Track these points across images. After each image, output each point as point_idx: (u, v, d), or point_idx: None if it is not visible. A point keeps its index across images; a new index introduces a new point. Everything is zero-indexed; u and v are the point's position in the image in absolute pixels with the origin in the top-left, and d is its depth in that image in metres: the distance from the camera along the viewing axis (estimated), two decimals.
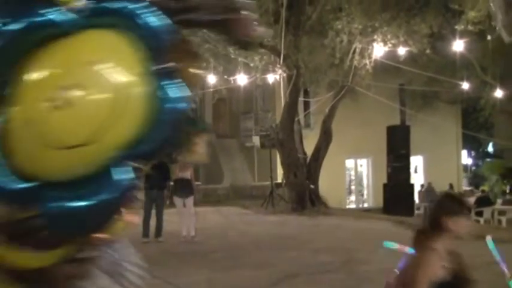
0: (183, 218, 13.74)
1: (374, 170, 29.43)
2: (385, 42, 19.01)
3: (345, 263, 10.68)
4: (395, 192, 22.61)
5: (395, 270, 4.30)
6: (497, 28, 14.72)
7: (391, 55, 19.68)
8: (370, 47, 19.41)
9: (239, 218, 18.49)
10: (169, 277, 9.89)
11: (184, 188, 13.62)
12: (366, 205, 30.10)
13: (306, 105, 25.39)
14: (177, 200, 13.77)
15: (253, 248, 12.80)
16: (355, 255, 11.52)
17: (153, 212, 13.71)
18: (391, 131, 23.61)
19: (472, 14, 18.19)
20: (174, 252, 12.38)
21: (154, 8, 1.69)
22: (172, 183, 14.44)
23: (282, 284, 9.35)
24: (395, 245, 5.06)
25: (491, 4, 14.82)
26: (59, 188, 1.63)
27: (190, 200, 13.65)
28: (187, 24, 1.88)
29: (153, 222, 13.76)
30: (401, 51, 19.07)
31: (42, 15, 1.65)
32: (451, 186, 28.59)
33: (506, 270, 5.18)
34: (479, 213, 21.93)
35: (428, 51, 19.69)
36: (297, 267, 10.46)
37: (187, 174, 13.71)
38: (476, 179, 42.71)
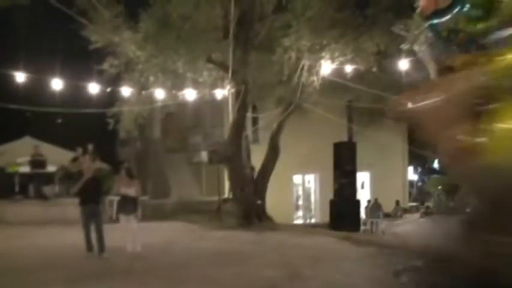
0: (127, 234, 13.61)
1: (321, 185, 29.67)
2: (332, 60, 19.17)
3: (288, 279, 10.71)
4: (342, 208, 22.81)
5: None
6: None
7: (339, 72, 19.85)
8: (318, 64, 19.54)
9: (185, 233, 18.39)
10: None
11: (128, 204, 13.51)
12: (313, 220, 30.24)
13: (255, 120, 25.48)
14: (121, 216, 13.66)
15: (198, 264, 12.73)
16: (299, 270, 11.57)
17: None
18: (338, 147, 23.85)
19: (416, 34, 18.55)
20: (117, 268, 12.22)
21: None
22: (117, 199, 14.35)
23: None
24: None
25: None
26: None
27: (133, 217, 13.53)
28: None
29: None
30: (349, 68, 19.25)
31: None
32: (397, 203, 29.00)
33: None
34: None
35: (375, 69, 19.94)
36: (240, 283, 10.46)
37: (131, 190, 13.59)
38: (421, 195, 43.34)
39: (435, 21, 10.63)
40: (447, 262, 5.58)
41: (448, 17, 8.47)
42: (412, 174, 43.31)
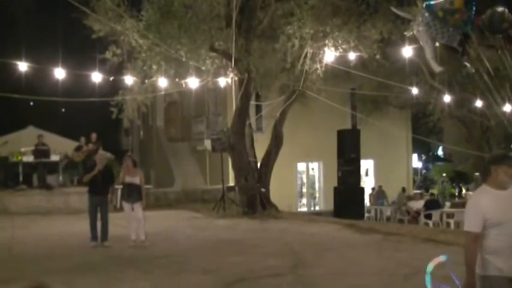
0: (131, 222, 13.63)
1: (325, 173, 29.66)
2: (336, 47, 19.10)
3: (292, 267, 10.70)
4: (346, 195, 22.76)
5: None
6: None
7: (342, 60, 19.78)
8: (321, 52, 19.48)
9: (189, 222, 18.40)
10: (113, 283, 9.80)
11: (132, 193, 13.52)
12: (317, 208, 30.26)
13: (258, 108, 25.42)
14: (126, 205, 13.67)
15: (201, 253, 12.76)
16: (303, 258, 11.57)
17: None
18: (342, 135, 23.78)
19: (419, 21, 18.46)
20: (121, 257, 12.26)
21: None
22: (120, 187, 14.39)
23: None
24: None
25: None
26: None
27: (138, 205, 13.55)
28: None
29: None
30: (352, 56, 19.18)
31: None
32: (403, 189, 29.01)
33: (457, 281, 5.32)
34: (428, 216, 22.24)
35: (378, 56, 19.87)
36: (244, 271, 10.45)
37: (136, 179, 13.62)
38: (426, 182, 43.37)
39: (431, 1, 10.59)
40: None
41: None
42: (416, 162, 43.29)
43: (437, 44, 12.20)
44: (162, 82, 19.24)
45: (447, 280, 6.05)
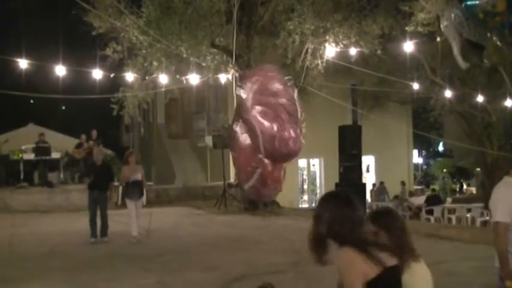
0: (133, 219, 13.62)
1: (326, 169, 29.60)
2: (336, 43, 19.08)
3: (294, 264, 10.66)
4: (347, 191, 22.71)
5: None
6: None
7: (343, 56, 19.76)
8: (322, 48, 19.46)
9: (190, 218, 18.39)
10: (115, 280, 9.77)
11: (136, 189, 13.60)
12: None
13: None
14: (129, 202, 13.67)
15: (201, 250, 12.73)
16: (304, 255, 11.53)
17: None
18: (343, 130, 23.65)
19: (421, 16, 18.46)
20: (122, 254, 12.24)
21: None
22: (123, 185, 14.42)
23: (230, 286, 9.30)
24: None
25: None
26: None
27: (140, 202, 13.63)
28: None
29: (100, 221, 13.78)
30: (353, 51, 19.16)
31: None
32: (402, 183, 28.96)
33: None
34: (430, 212, 22.21)
35: (379, 52, 19.85)
36: (245, 268, 10.42)
37: (138, 175, 13.68)
38: (426, 178, 43.38)
39: (472, 2, 10.65)
40: None
41: None
42: (416, 158, 43.29)
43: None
44: (163, 79, 19.21)
45: None
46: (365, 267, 3.05)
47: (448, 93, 21.64)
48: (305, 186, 31.30)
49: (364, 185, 24.24)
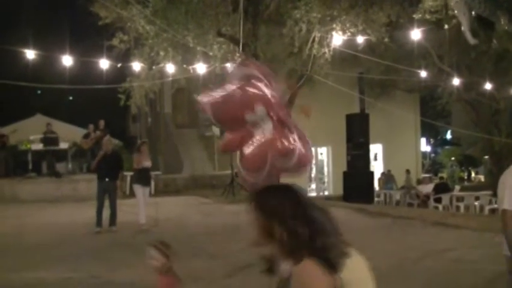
0: (142, 207, 13.68)
1: (334, 158, 29.61)
2: (343, 31, 19.02)
3: None
4: (355, 180, 22.66)
5: None
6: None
7: (350, 44, 19.70)
8: (329, 36, 19.40)
9: (198, 208, 18.40)
10: (122, 269, 9.80)
11: (147, 176, 13.83)
12: (326, 193, 30.24)
13: None
14: (139, 188, 13.74)
15: (210, 239, 12.74)
16: None
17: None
18: (351, 119, 23.64)
19: (428, 3, 18.37)
20: (128, 243, 12.25)
21: None
22: (131, 174, 14.51)
23: (236, 274, 9.33)
24: None
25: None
26: None
27: (148, 189, 13.87)
28: None
29: (107, 211, 13.79)
30: (360, 40, 19.09)
31: None
32: (407, 171, 28.88)
33: None
34: (438, 200, 22.16)
35: (386, 40, 19.78)
36: (249, 258, 10.40)
37: (149, 163, 13.89)
38: (434, 166, 43.29)
39: None
40: None
41: None
42: (424, 146, 43.20)
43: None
44: (170, 68, 19.21)
45: None
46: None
47: (456, 81, 21.57)
48: (313, 175, 31.30)
49: (372, 173, 24.25)
